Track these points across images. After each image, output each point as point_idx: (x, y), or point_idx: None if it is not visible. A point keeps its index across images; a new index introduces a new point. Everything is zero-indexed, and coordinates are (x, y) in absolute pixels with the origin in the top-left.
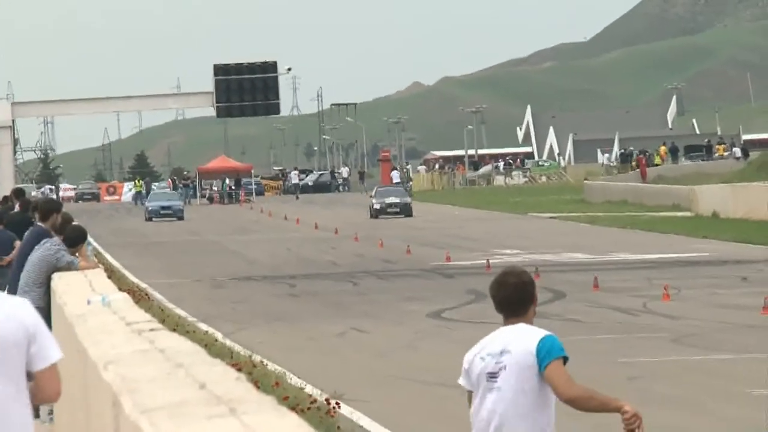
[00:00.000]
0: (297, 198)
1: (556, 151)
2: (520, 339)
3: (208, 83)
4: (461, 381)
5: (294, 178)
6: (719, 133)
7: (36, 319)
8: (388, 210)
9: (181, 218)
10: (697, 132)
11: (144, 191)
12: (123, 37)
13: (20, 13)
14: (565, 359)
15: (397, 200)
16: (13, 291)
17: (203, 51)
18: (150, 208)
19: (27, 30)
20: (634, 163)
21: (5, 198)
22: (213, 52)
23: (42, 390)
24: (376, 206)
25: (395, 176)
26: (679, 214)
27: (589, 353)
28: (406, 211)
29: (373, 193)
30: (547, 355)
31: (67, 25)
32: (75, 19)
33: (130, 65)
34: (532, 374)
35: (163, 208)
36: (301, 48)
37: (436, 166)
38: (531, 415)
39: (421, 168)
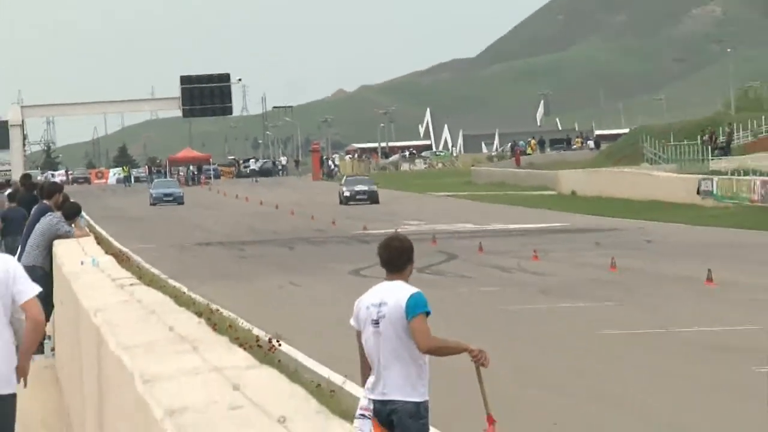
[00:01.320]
0: (256, 181)
1: (450, 143)
2: (395, 293)
3: (176, 90)
4: (352, 322)
5: (253, 164)
6: (577, 129)
7: (15, 266)
8: (357, 197)
9: (181, 203)
10: (560, 128)
11: (130, 176)
12: (107, 49)
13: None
14: (428, 313)
15: (365, 188)
16: (22, 252)
17: (172, 61)
18: (154, 195)
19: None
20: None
21: (23, 181)
22: (180, 63)
23: (30, 316)
24: (346, 194)
25: (331, 163)
26: (546, 192)
27: (476, 302)
28: (373, 198)
29: (342, 182)
30: (412, 309)
31: (66, 37)
32: (71, 33)
33: (114, 74)
34: (405, 323)
35: (166, 195)
36: (250, 59)
37: (356, 155)
38: (405, 355)
39: (347, 157)
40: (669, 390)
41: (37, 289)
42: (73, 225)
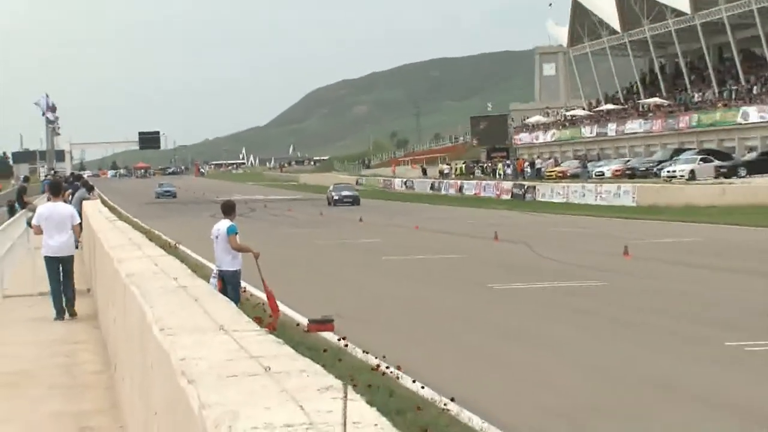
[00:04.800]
0: (176, 175)
1: (253, 161)
2: (225, 224)
3: (136, 136)
4: (211, 237)
5: (177, 170)
6: (307, 156)
7: (73, 210)
8: (344, 200)
9: (175, 197)
10: (299, 156)
11: (119, 174)
12: (104, 112)
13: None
14: (236, 233)
15: (350, 193)
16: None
17: (133, 120)
18: (158, 192)
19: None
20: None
21: (71, 176)
22: (139, 122)
23: (76, 231)
24: (335, 197)
25: (203, 170)
26: (294, 183)
27: (262, 229)
28: (356, 201)
29: (331, 188)
30: (230, 231)
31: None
32: (91, 105)
33: (107, 127)
34: (226, 236)
35: (166, 191)
36: (171, 119)
37: (213, 167)
38: (229, 255)
39: (211, 166)
40: (353, 269)
41: (78, 219)
42: (90, 194)
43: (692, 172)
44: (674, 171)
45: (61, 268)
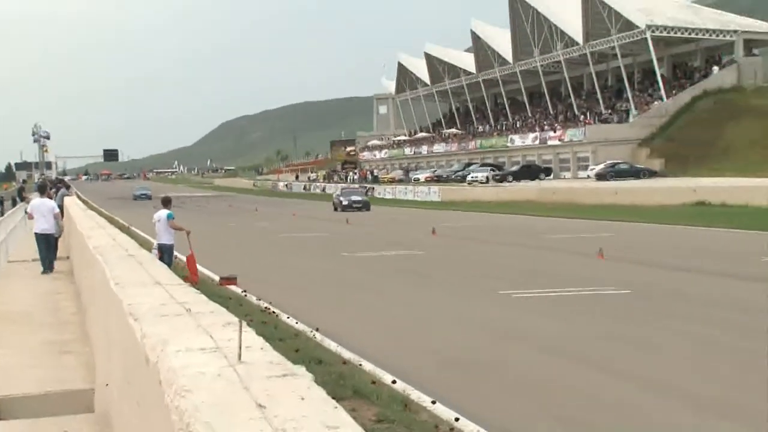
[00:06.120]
0: (132, 180)
1: (183, 169)
2: (164, 212)
3: (100, 151)
4: (152, 221)
5: (130, 176)
6: (220, 166)
7: (54, 204)
8: (353, 205)
9: (150, 198)
10: (215, 166)
11: (90, 179)
12: (79, 134)
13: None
14: (173, 218)
15: (359, 198)
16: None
17: (99, 142)
18: (135, 195)
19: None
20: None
21: (56, 180)
22: (103, 142)
23: (58, 217)
24: (344, 202)
25: (149, 175)
26: (211, 185)
27: (188, 217)
28: (366, 207)
29: (339, 193)
30: (169, 216)
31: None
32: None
33: (81, 145)
34: (166, 220)
35: (143, 194)
36: (127, 140)
37: (156, 174)
38: (166, 233)
39: (154, 173)
40: (251, 243)
41: (57, 210)
42: (69, 191)
43: (487, 178)
44: (476, 177)
45: (45, 241)
